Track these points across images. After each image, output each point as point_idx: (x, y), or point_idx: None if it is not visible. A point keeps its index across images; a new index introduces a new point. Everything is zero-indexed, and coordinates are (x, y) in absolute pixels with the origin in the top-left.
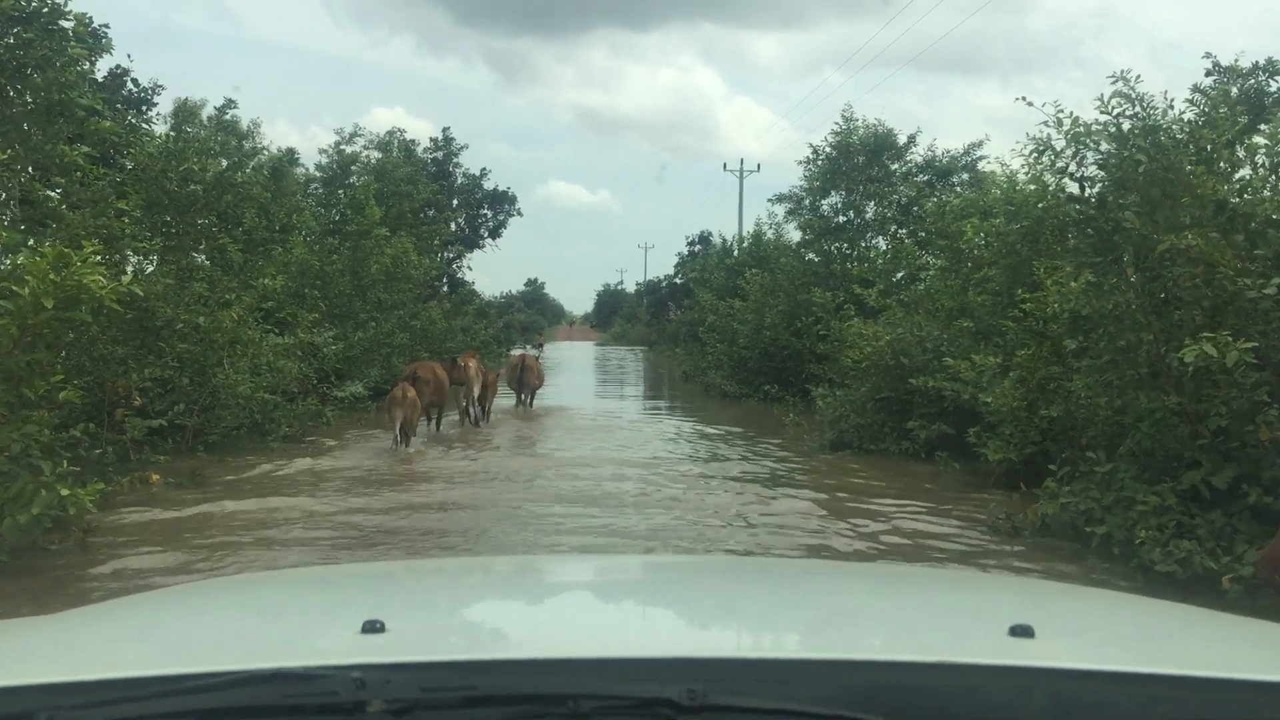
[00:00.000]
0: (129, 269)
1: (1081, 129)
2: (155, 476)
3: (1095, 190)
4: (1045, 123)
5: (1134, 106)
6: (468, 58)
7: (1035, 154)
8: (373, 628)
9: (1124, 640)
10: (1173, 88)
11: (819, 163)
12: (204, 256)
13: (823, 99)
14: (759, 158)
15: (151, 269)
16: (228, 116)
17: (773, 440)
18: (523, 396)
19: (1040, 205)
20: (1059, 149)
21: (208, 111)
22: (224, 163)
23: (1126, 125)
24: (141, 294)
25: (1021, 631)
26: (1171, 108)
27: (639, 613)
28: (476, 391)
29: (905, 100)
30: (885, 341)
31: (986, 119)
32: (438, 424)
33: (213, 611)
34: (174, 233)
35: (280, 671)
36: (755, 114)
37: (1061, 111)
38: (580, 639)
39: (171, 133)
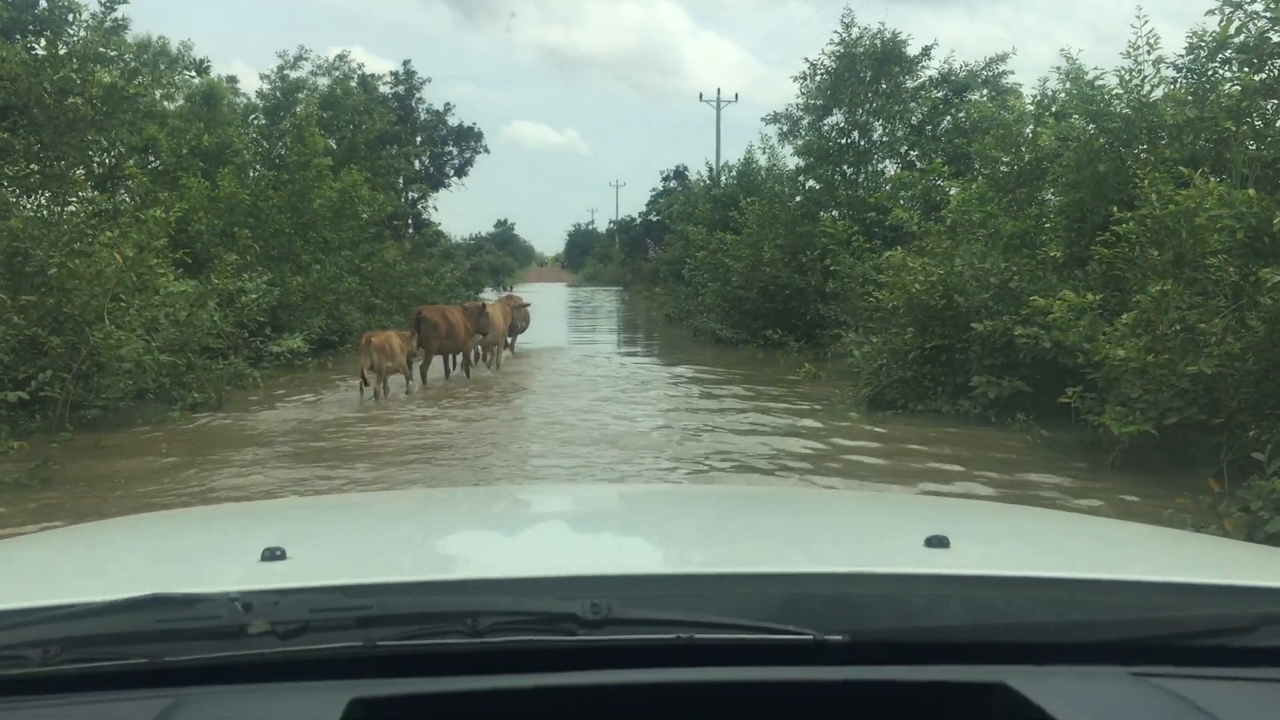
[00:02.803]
0: None
1: None
2: None
3: None
4: None
5: None
6: None
7: None
8: (273, 555)
9: (1036, 548)
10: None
11: (818, 79)
12: (101, 190)
13: (790, 33)
14: (727, 94)
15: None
16: (116, 13)
17: (791, 398)
18: (506, 340)
19: (1129, 104)
20: None
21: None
22: (115, 73)
23: None
24: None
25: (937, 542)
26: None
27: (548, 535)
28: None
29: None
30: (938, 277)
31: (952, 50)
32: (454, 369)
33: (108, 546)
34: (51, 157)
35: (159, 597)
36: (721, 49)
37: None
38: (486, 562)
39: (47, 34)
